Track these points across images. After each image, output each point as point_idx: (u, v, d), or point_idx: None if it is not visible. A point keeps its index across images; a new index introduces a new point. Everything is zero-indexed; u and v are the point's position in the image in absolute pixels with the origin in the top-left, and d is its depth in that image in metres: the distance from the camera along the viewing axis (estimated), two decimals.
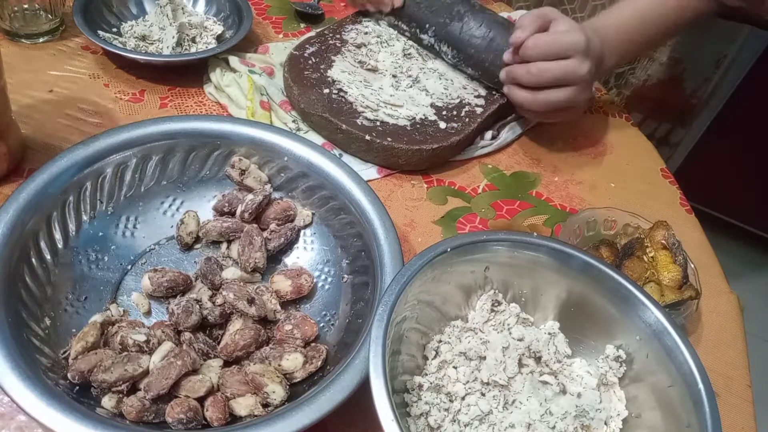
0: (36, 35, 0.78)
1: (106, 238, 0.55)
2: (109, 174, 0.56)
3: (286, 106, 0.76)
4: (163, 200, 0.59)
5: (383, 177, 0.71)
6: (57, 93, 0.72)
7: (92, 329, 0.47)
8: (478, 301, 0.53)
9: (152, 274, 0.52)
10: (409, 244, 0.64)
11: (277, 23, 0.91)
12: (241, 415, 0.46)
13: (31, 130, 0.67)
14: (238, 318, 0.51)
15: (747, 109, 1.57)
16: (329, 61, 0.78)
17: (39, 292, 0.49)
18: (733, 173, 1.73)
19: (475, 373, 0.48)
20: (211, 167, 0.60)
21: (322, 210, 0.59)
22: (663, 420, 0.46)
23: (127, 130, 0.56)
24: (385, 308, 0.44)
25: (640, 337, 0.49)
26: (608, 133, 0.85)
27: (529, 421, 0.47)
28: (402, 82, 0.78)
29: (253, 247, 0.55)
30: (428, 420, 0.46)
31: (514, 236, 0.51)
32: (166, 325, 0.49)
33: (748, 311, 0.67)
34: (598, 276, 0.50)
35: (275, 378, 0.46)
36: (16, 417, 0.46)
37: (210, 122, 0.59)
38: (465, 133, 0.73)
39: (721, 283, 0.67)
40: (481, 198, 0.72)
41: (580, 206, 0.73)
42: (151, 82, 0.76)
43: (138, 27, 0.80)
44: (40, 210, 0.51)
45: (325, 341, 0.52)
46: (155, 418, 0.44)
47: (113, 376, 0.44)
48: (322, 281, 0.57)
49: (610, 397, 0.49)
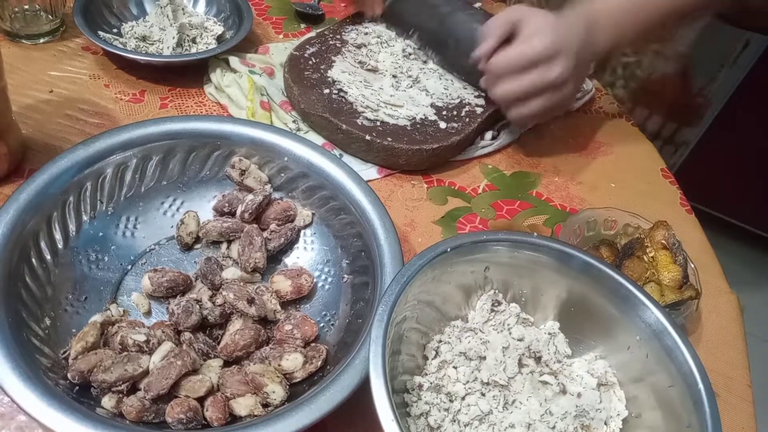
0: (36, 36, 0.78)
1: (106, 238, 0.55)
2: (109, 174, 0.56)
3: (286, 107, 0.76)
4: (163, 200, 0.59)
5: (383, 177, 0.71)
6: (57, 93, 0.72)
7: (92, 329, 0.47)
8: (478, 301, 0.53)
9: (152, 274, 0.52)
10: (409, 244, 0.64)
11: (278, 24, 0.91)
12: (241, 415, 0.46)
13: (31, 131, 0.67)
14: (238, 318, 0.51)
15: (747, 109, 1.57)
16: (329, 62, 0.78)
17: (39, 292, 0.49)
18: (733, 173, 1.73)
19: (475, 373, 0.48)
20: (212, 167, 0.60)
21: (322, 210, 0.59)
22: (663, 420, 0.46)
23: (128, 130, 0.56)
24: (385, 308, 0.44)
25: (640, 337, 0.49)
26: (608, 133, 0.85)
27: (529, 421, 0.47)
28: (402, 82, 0.78)
29: (253, 247, 0.55)
30: (428, 420, 0.46)
31: (514, 236, 0.51)
32: (166, 325, 0.49)
33: (748, 311, 0.66)
34: (598, 276, 0.50)
35: (275, 378, 0.46)
36: (17, 417, 0.46)
37: (210, 122, 0.59)
38: (465, 133, 0.73)
39: (721, 283, 0.67)
40: (482, 198, 0.72)
41: (580, 206, 0.73)
42: (152, 83, 0.76)
43: (138, 27, 0.80)
44: (41, 210, 0.51)
45: (325, 341, 0.52)
46: (155, 418, 0.44)
47: (113, 376, 0.44)
48: (322, 281, 0.57)
49: (610, 397, 0.49)
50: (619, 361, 0.51)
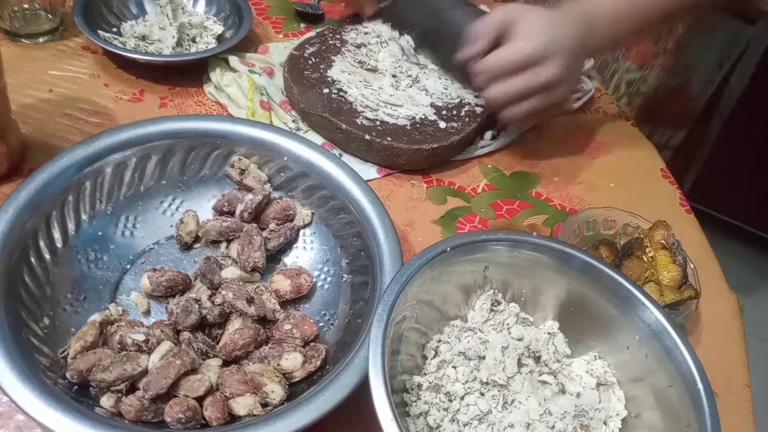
0: (36, 35, 0.78)
1: (105, 237, 0.55)
2: (108, 174, 0.56)
3: (286, 106, 0.76)
4: (162, 200, 0.59)
5: (383, 177, 0.71)
6: (57, 93, 0.72)
7: (91, 329, 0.47)
8: (478, 300, 0.53)
9: (151, 273, 0.52)
10: (409, 243, 0.64)
11: (277, 23, 0.91)
12: (240, 415, 0.46)
13: (31, 130, 0.67)
14: (237, 317, 0.51)
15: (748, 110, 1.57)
16: (329, 61, 0.78)
17: (38, 291, 0.49)
18: (733, 173, 1.73)
19: (475, 372, 0.48)
20: (211, 167, 0.60)
21: (321, 210, 0.59)
22: (662, 420, 0.46)
23: (127, 129, 0.56)
24: (385, 308, 0.44)
25: (640, 337, 0.49)
26: (608, 133, 0.85)
27: (528, 421, 0.47)
28: (402, 81, 0.78)
29: (253, 246, 0.55)
30: (427, 420, 0.46)
31: (514, 236, 0.51)
32: (165, 325, 0.49)
33: (747, 311, 0.66)
34: (597, 276, 0.50)
35: (274, 377, 0.46)
36: (15, 416, 0.46)
37: (210, 122, 0.59)
38: (465, 132, 0.73)
39: (721, 283, 0.67)
40: (481, 198, 0.72)
41: (579, 206, 0.73)
42: (151, 82, 0.76)
43: (138, 27, 0.80)
44: (40, 209, 0.51)
45: (325, 341, 0.52)
46: (154, 417, 0.44)
47: (112, 376, 0.44)
48: (321, 281, 0.57)
49: (609, 396, 0.49)
50: (618, 361, 0.51)
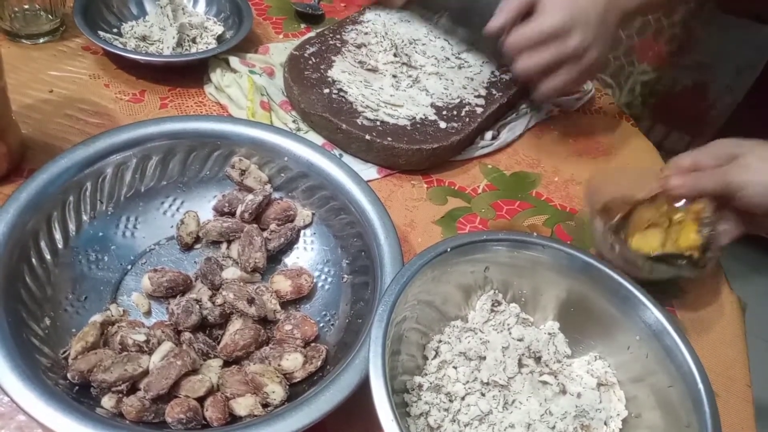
0: (36, 36, 0.78)
1: (106, 238, 0.55)
2: (109, 174, 0.56)
3: (286, 107, 0.76)
4: (163, 200, 0.59)
5: (383, 177, 0.71)
6: (57, 93, 0.72)
7: (92, 329, 0.47)
8: (478, 301, 0.53)
9: (152, 274, 0.52)
10: (409, 244, 0.64)
11: (278, 24, 0.91)
12: (240, 415, 0.46)
13: (31, 130, 0.67)
14: (237, 318, 0.51)
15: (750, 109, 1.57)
16: (329, 62, 0.78)
17: (39, 292, 0.49)
18: None
19: (475, 373, 0.48)
20: (212, 167, 0.60)
21: (322, 210, 0.59)
22: (663, 420, 0.46)
23: (128, 130, 0.56)
24: (385, 308, 0.44)
25: (640, 337, 0.49)
26: (608, 133, 0.85)
27: (528, 421, 0.47)
28: (402, 82, 0.78)
29: (253, 247, 0.55)
30: (428, 420, 0.46)
31: (514, 236, 0.51)
32: (166, 325, 0.49)
33: (748, 311, 0.66)
34: (598, 276, 0.50)
35: (275, 378, 0.46)
36: (16, 417, 0.46)
37: (210, 122, 0.59)
38: (465, 132, 0.73)
39: (721, 283, 0.67)
40: (481, 198, 0.72)
41: (580, 206, 0.73)
42: (152, 83, 0.76)
43: (138, 27, 0.80)
44: (41, 210, 0.51)
45: (325, 341, 0.52)
46: (155, 418, 0.44)
47: (113, 376, 0.44)
48: (322, 281, 0.57)
49: (609, 397, 0.49)
50: (618, 361, 0.51)
